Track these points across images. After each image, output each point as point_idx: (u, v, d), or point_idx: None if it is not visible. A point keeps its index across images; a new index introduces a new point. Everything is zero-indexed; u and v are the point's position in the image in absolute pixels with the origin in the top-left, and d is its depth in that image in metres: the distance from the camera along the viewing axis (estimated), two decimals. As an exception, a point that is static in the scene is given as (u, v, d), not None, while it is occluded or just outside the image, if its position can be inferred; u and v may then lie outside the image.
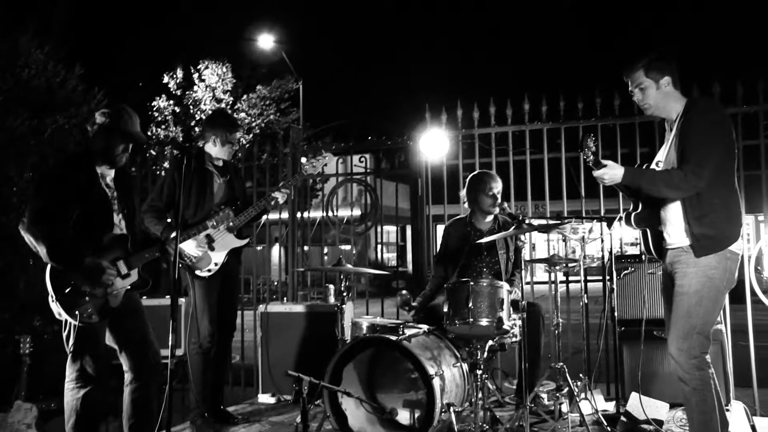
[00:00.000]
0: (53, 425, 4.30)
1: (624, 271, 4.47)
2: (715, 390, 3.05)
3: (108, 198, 3.32)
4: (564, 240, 4.77)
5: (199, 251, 4.12)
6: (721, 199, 3.06)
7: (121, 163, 3.39)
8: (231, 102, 16.96)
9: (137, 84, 16.42)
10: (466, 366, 3.77)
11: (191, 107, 16.57)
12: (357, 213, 6.38)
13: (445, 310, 3.78)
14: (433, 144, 5.52)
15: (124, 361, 3.37)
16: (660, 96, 3.20)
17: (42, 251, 3.11)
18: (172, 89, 16.60)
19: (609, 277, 4.18)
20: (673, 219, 3.13)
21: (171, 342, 2.92)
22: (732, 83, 4.77)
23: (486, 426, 3.63)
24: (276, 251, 13.66)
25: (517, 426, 3.79)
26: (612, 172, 3.14)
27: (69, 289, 3.14)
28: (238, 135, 4.48)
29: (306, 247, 6.47)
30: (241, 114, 16.64)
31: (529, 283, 5.24)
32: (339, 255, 4.38)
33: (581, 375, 4.14)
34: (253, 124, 16.87)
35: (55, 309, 3.18)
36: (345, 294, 4.17)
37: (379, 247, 7.59)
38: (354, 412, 3.70)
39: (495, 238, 4.19)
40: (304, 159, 4.70)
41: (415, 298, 4.54)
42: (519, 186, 5.37)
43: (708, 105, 3.27)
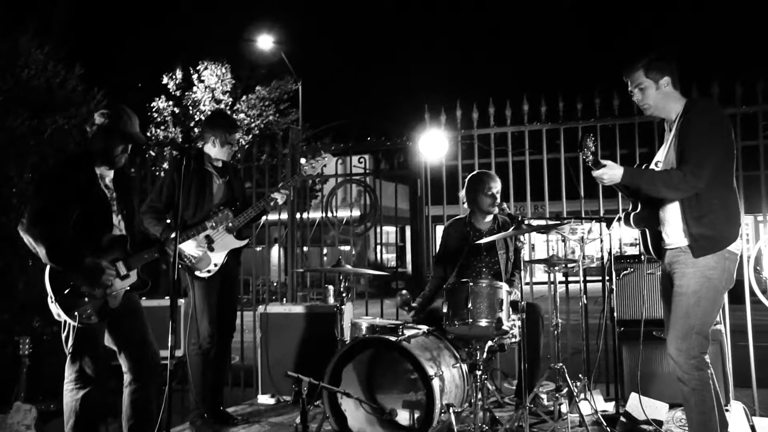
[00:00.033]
0: (53, 426, 4.30)
1: (623, 272, 4.47)
2: (715, 390, 3.06)
3: (107, 199, 3.32)
4: (563, 240, 4.78)
5: (199, 251, 4.12)
6: (720, 200, 3.06)
7: (121, 164, 3.38)
8: (230, 103, 16.95)
9: (137, 84, 16.42)
10: (465, 367, 3.77)
11: (190, 108, 16.57)
12: (356, 214, 6.37)
13: (445, 310, 3.77)
14: (433, 145, 5.52)
15: (123, 362, 3.37)
16: (659, 96, 3.20)
17: (41, 252, 3.11)
18: (171, 90, 16.60)
19: (608, 278, 4.18)
20: (672, 219, 3.13)
21: (170, 343, 2.93)
22: (731, 84, 4.78)
23: (485, 427, 3.62)
24: (275, 252, 13.66)
25: (517, 426, 3.79)
26: (611, 172, 3.14)
27: (68, 290, 3.13)
28: (237, 136, 4.48)
29: (305, 248, 6.47)
30: (241, 115, 16.63)
31: (529, 284, 5.24)
32: (338, 256, 4.38)
33: (581, 375, 4.13)
34: (253, 124, 16.87)
35: (55, 310, 3.17)
36: (344, 295, 4.18)
37: (379, 248, 7.59)
38: (353, 412, 3.70)
39: (494, 238, 4.19)
40: (303, 160, 4.71)
41: (415, 298, 4.54)
42: (518, 186, 5.37)
43: (707, 105, 3.28)
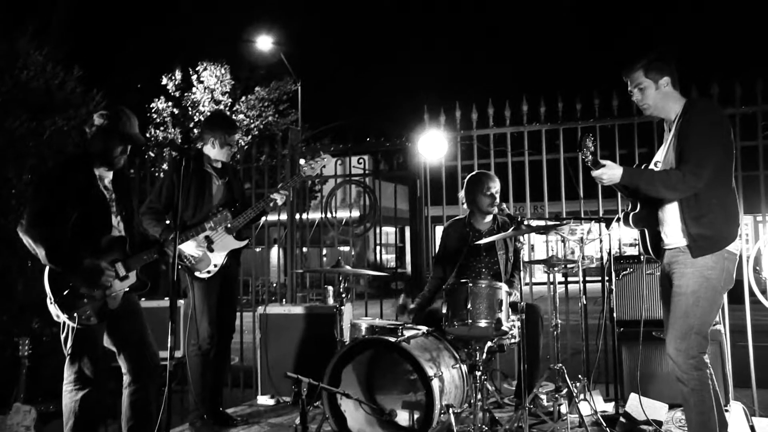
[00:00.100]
0: (52, 427, 4.30)
1: (623, 272, 4.47)
2: (714, 390, 3.06)
3: (106, 200, 3.32)
4: (563, 241, 4.78)
5: (199, 252, 4.12)
6: (719, 200, 3.06)
7: (120, 165, 3.38)
8: (229, 104, 16.93)
9: (136, 85, 16.40)
10: (465, 367, 3.76)
11: (190, 109, 16.54)
12: (356, 214, 6.37)
13: (444, 311, 3.77)
14: (432, 145, 5.52)
15: (122, 363, 3.37)
16: (659, 96, 3.20)
17: (41, 253, 3.11)
18: (170, 91, 16.57)
19: (608, 278, 4.18)
20: (671, 219, 3.13)
21: (170, 344, 2.93)
22: (730, 84, 4.78)
23: (485, 427, 3.62)
24: (275, 252, 13.65)
25: (516, 427, 3.78)
26: (610, 172, 3.14)
27: (67, 291, 3.13)
28: (236, 137, 4.48)
29: (305, 249, 6.46)
30: (240, 116, 16.61)
31: (528, 284, 5.24)
32: (338, 256, 4.37)
33: (580, 376, 4.13)
34: (252, 125, 16.84)
35: (54, 311, 3.17)
36: (344, 295, 4.17)
37: (378, 249, 7.59)
38: (353, 413, 3.69)
39: (494, 239, 4.19)
40: (302, 160, 4.71)
41: (414, 299, 4.53)
42: (517, 187, 5.36)
43: (707, 106, 3.28)
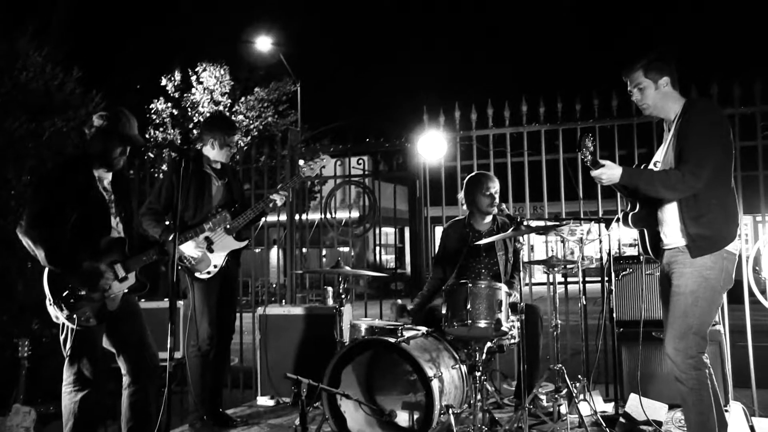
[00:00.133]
0: (52, 428, 4.30)
1: (622, 272, 4.47)
2: (713, 390, 3.05)
3: (105, 201, 3.32)
4: (562, 241, 4.78)
5: (198, 252, 4.12)
6: (719, 200, 3.06)
7: (119, 166, 3.38)
8: (229, 104, 16.93)
9: (135, 86, 16.40)
10: (464, 368, 3.76)
11: (189, 110, 16.54)
12: (355, 215, 6.37)
13: (444, 311, 3.77)
14: (431, 146, 5.52)
15: (122, 365, 3.37)
16: (659, 96, 3.20)
17: (40, 254, 3.11)
18: (170, 92, 16.57)
19: (607, 278, 4.18)
20: (670, 219, 3.13)
21: (169, 345, 2.93)
22: (729, 84, 4.78)
23: (485, 428, 3.62)
24: (274, 253, 13.65)
25: (516, 428, 3.78)
26: (610, 171, 3.14)
27: (67, 293, 3.13)
28: (236, 137, 4.48)
29: (304, 249, 6.47)
30: (239, 116, 16.60)
31: (528, 285, 5.24)
32: (337, 257, 4.37)
33: (580, 376, 4.13)
34: (251, 126, 16.84)
35: (53, 312, 3.17)
36: (343, 296, 4.18)
37: (378, 249, 7.59)
38: (353, 414, 3.69)
39: (493, 239, 4.19)
40: (302, 161, 4.71)
41: (413, 299, 4.53)
42: (517, 187, 5.36)
43: (707, 106, 3.28)
